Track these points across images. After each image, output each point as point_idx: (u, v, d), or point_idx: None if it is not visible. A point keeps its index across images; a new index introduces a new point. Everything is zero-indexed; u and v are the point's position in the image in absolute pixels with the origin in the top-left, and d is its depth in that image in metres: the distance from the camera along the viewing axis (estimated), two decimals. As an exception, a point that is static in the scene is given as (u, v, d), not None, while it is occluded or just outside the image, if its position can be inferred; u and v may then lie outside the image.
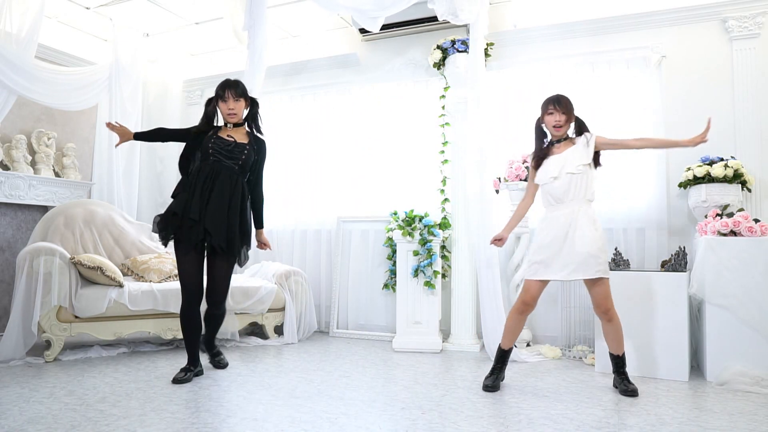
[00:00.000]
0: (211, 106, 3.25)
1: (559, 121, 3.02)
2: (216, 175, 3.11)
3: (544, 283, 3.03)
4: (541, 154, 3.11)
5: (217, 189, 3.09)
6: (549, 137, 3.14)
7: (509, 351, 3.14)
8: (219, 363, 3.51)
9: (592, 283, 2.95)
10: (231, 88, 3.18)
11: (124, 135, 3.34)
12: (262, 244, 3.47)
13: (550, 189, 3.04)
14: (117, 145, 3.45)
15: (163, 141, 3.41)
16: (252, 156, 3.23)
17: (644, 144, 3.11)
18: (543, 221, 3.10)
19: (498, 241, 3.22)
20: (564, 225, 2.96)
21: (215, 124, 3.30)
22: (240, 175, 3.19)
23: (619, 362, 3.03)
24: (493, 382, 3.05)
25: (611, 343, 3.02)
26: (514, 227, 3.30)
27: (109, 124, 3.38)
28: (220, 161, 3.13)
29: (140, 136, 3.36)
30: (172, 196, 3.19)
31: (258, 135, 3.31)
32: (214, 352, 3.53)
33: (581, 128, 3.10)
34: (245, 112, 3.28)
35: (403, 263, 4.28)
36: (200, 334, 3.30)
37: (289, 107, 5.45)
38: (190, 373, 3.20)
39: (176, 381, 3.12)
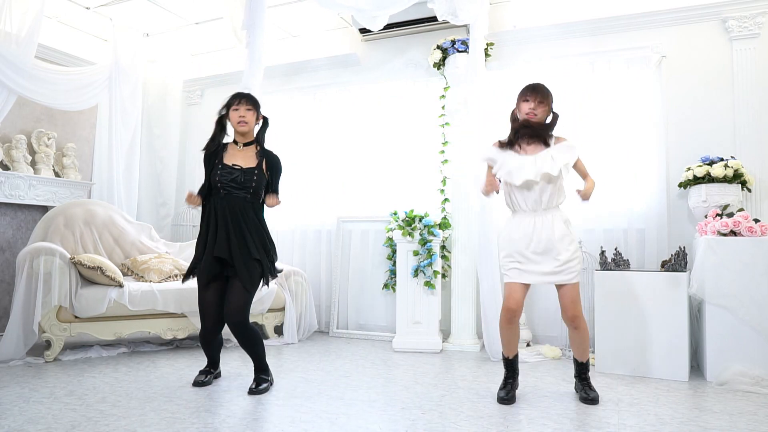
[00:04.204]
0: (220, 119, 3.10)
1: (533, 108, 2.82)
2: (231, 208, 2.98)
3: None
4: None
5: (233, 223, 2.96)
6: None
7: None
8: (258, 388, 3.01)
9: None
10: (243, 97, 3.07)
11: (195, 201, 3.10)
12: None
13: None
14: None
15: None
16: (263, 178, 3.05)
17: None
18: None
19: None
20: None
21: (223, 141, 3.14)
22: (253, 202, 3.05)
23: (582, 368, 2.92)
24: (506, 394, 2.83)
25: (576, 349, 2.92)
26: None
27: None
28: (231, 193, 2.99)
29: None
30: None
31: (268, 150, 3.14)
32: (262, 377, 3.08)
33: (554, 122, 2.92)
34: (256, 129, 3.13)
35: (403, 263, 4.28)
36: (221, 346, 3.29)
37: (289, 107, 5.45)
38: (210, 375, 3.18)
39: (196, 384, 3.09)
